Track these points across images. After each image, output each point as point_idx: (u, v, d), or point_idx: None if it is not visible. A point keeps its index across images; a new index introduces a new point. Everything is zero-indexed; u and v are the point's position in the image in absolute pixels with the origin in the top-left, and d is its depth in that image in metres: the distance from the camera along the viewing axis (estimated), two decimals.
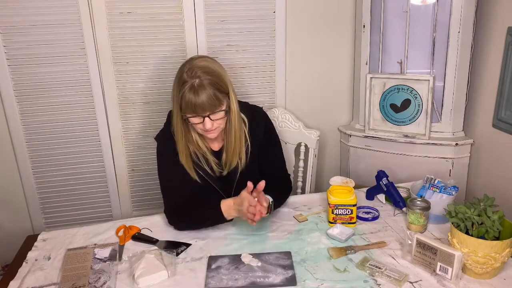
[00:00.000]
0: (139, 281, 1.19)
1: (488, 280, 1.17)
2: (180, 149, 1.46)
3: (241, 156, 1.51)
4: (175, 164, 1.47)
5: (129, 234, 1.44)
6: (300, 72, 2.22)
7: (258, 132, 1.54)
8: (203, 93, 1.32)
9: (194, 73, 1.33)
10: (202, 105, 1.33)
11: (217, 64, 1.42)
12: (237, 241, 1.40)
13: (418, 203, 1.41)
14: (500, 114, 1.81)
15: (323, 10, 2.15)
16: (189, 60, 1.41)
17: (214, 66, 1.39)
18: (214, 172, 1.52)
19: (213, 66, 1.39)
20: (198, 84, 1.32)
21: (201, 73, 1.33)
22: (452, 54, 1.91)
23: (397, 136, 2.07)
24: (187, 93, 1.32)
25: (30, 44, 1.90)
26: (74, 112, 2.03)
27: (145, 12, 1.94)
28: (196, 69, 1.34)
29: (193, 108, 1.34)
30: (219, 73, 1.39)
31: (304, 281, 1.19)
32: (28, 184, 2.09)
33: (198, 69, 1.34)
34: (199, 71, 1.34)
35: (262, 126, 1.55)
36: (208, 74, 1.35)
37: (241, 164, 1.52)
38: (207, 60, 1.40)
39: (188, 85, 1.33)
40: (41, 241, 1.44)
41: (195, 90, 1.32)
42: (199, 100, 1.32)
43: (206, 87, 1.33)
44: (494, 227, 1.15)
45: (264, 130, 1.55)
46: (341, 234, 1.39)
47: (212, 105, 1.35)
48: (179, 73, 1.38)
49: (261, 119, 1.56)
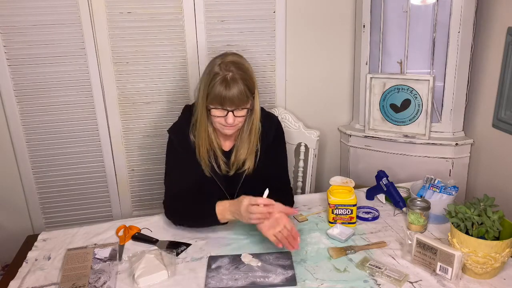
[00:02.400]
0: (139, 281, 1.19)
1: (488, 280, 1.18)
2: (201, 141, 1.45)
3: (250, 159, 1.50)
4: (183, 158, 1.48)
5: (129, 234, 1.44)
6: (300, 72, 2.22)
7: (269, 137, 1.53)
8: (234, 86, 1.33)
9: (227, 67, 1.34)
10: (231, 98, 1.33)
11: (248, 63, 1.43)
12: (237, 241, 1.40)
13: (418, 203, 1.41)
14: (500, 114, 1.81)
15: (323, 10, 2.15)
16: (221, 54, 1.42)
17: (246, 64, 1.41)
18: (221, 171, 1.52)
19: (246, 64, 1.41)
20: (231, 77, 1.33)
21: (234, 68, 1.35)
22: (452, 54, 1.91)
23: (397, 136, 2.07)
24: (218, 85, 1.33)
25: (30, 44, 1.90)
26: (74, 112, 2.03)
27: (145, 12, 1.94)
28: (229, 64, 1.35)
29: (221, 100, 1.34)
30: (251, 72, 1.41)
31: (304, 281, 1.19)
32: (28, 184, 2.09)
33: (231, 64, 1.35)
34: (232, 66, 1.35)
35: (273, 132, 1.54)
36: (241, 70, 1.36)
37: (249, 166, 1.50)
38: (240, 57, 1.42)
39: (220, 77, 1.33)
40: (41, 241, 1.44)
41: (227, 83, 1.33)
42: (230, 93, 1.33)
43: (238, 81, 1.34)
44: (494, 227, 1.15)
45: (274, 137, 1.54)
46: (341, 234, 1.39)
47: (240, 100, 1.35)
48: (210, 65, 1.39)
49: (273, 126, 1.55)
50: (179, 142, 1.48)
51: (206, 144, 1.46)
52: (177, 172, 1.50)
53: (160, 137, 2.12)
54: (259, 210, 1.27)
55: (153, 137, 2.13)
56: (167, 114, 2.10)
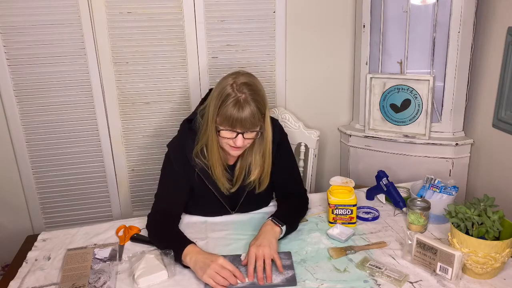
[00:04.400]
0: (139, 281, 1.19)
1: (488, 280, 1.17)
2: (215, 161, 1.41)
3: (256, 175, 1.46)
4: (177, 175, 1.45)
5: (129, 234, 1.44)
6: (300, 72, 2.22)
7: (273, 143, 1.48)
8: (247, 109, 1.29)
9: (240, 88, 1.29)
10: (243, 121, 1.29)
11: (260, 84, 1.38)
12: (237, 241, 1.40)
13: (418, 203, 1.41)
14: (500, 114, 1.81)
15: (323, 10, 2.15)
16: (233, 73, 1.36)
17: (259, 85, 1.36)
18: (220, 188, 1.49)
19: (258, 85, 1.36)
20: (244, 99, 1.29)
21: (246, 89, 1.30)
22: (452, 54, 1.91)
23: (397, 136, 2.07)
24: (230, 107, 1.28)
25: (30, 44, 1.90)
26: (74, 112, 2.03)
27: (145, 12, 1.94)
28: (242, 85, 1.30)
29: (232, 122, 1.30)
30: (263, 93, 1.36)
31: (304, 281, 1.19)
32: (28, 184, 2.09)
33: (244, 85, 1.31)
34: (245, 87, 1.30)
35: (276, 140, 1.49)
36: (253, 92, 1.31)
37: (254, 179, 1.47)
38: (253, 77, 1.37)
39: (232, 99, 1.28)
40: (41, 241, 1.44)
41: (240, 105, 1.28)
42: (242, 115, 1.28)
43: (250, 103, 1.29)
44: (494, 227, 1.15)
45: (278, 143, 1.50)
46: (341, 234, 1.39)
47: (252, 123, 1.31)
48: (221, 84, 1.33)
49: (276, 133, 1.48)
50: (176, 160, 1.44)
51: (221, 164, 1.43)
52: (170, 187, 1.47)
53: (160, 137, 2.12)
54: (220, 280, 1.17)
55: (153, 137, 2.13)
56: (167, 114, 2.10)
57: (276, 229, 1.33)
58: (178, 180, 1.45)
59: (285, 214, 1.42)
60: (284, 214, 1.41)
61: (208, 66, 2.07)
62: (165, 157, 1.49)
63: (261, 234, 1.31)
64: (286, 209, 1.47)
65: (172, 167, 1.45)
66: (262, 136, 1.41)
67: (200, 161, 1.42)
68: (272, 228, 1.33)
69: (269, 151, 1.45)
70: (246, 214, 1.56)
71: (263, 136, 1.42)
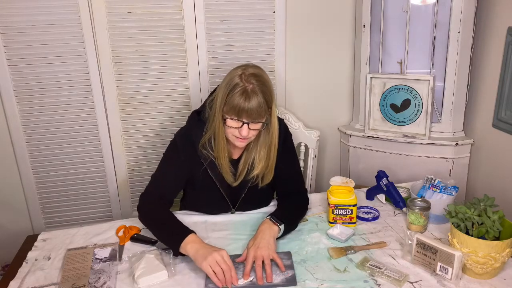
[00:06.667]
0: (139, 281, 1.19)
1: (488, 280, 1.18)
2: (221, 152, 1.42)
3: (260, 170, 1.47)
4: (181, 163, 1.46)
5: (129, 234, 1.44)
6: (300, 72, 2.22)
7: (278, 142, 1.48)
8: (254, 99, 1.31)
9: (248, 79, 1.32)
10: (250, 111, 1.31)
11: (268, 77, 1.40)
12: (237, 241, 1.40)
13: (418, 203, 1.41)
14: (500, 114, 1.81)
15: (323, 10, 2.15)
16: (242, 66, 1.39)
17: (266, 77, 1.39)
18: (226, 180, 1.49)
19: (266, 77, 1.38)
20: (251, 89, 1.31)
21: (254, 80, 1.32)
22: (452, 54, 1.91)
23: (397, 136, 2.07)
24: (237, 96, 1.31)
25: (30, 44, 1.90)
26: (74, 112, 2.03)
27: (145, 12, 1.94)
28: (251, 76, 1.33)
29: (238, 111, 1.32)
30: (270, 86, 1.38)
31: (304, 281, 1.19)
32: (28, 184, 2.09)
33: (252, 76, 1.33)
34: (252, 78, 1.33)
35: (281, 137, 1.50)
36: (261, 83, 1.34)
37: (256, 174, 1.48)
38: (261, 70, 1.40)
39: (240, 88, 1.31)
40: (41, 241, 1.44)
41: (247, 95, 1.30)
42: (249, 105, 1.31)
43: (257, 94, 1.31)
44: (494, 227, 1.15)
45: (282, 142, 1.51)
46: (341, 234, 1.39)
47: (258, 113, 1.33)
48: (230, 76, 1.36)
49: (281, 131, 1.49)
50: (182, 149, 1.45)
51: (225, 154, 1.44)
52: (171, 173, 1.48)
53: (160, 137, 2.12)
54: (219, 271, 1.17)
55: (153, 137, 2.13)
56: (167, 114, 2.10)
57: (274, 227, 1.33)
58: (181, 167, 1.46)
59: (284, 213, 1.42)
60: (283, 213, 1.42)
61: (208, 66, 2.07)
62: (170, 143, 1.50)
63: (259, 233, 1.31)
64: (285, 208, 1.47)
65: (178, 154, 1.46)
66: (267, 129, 1.43)
67: (207, 152, 1.43)
68: (270, 226, 1.33)
69: (275, 146, 1.46)
70: (246, 214, 1.56)
71: (269, 130, 1.43)
